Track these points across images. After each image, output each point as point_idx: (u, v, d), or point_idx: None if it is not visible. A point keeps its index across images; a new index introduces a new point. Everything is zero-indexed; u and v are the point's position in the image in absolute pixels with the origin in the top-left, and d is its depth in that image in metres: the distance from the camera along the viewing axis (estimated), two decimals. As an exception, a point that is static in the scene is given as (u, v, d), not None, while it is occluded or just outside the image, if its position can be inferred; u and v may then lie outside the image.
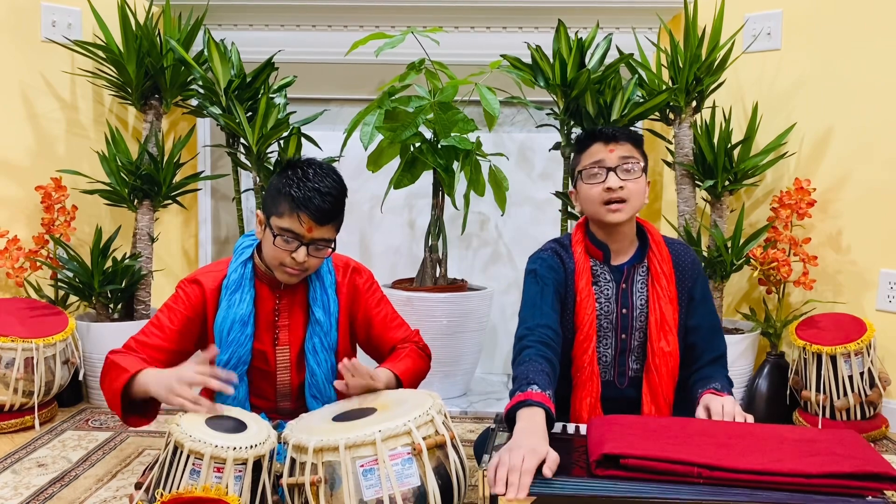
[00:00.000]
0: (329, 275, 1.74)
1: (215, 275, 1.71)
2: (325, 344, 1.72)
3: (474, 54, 2.86)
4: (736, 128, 2.72)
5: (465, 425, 2.47)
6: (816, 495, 1.18)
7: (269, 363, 1.73)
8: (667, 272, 1.69)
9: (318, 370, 1.72)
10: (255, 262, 1.72)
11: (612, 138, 1.66)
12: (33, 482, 1.95)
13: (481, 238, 3.07)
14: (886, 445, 2.39)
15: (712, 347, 1.70)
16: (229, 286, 1.68)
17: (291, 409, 1.77)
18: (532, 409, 1.39)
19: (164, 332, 1.66)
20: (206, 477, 1.37)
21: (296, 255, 1.61)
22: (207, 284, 1.70)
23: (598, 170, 1.65)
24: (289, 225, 1.60)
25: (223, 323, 1.67)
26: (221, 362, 1.67)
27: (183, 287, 1.72)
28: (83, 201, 2.83)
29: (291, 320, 1.73)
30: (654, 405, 1.67)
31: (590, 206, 1.67)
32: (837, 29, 2.61)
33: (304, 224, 1.60)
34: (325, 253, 1.67)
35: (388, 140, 2.55)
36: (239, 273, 1.68)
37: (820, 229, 2.67)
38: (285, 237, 1.61)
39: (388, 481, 1.36)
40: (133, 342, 1.66)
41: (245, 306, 1.67)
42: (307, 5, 2.90)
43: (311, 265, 1.65)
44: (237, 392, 1.69)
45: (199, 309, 1.70)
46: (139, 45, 2.63)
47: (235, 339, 1.67)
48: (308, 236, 1.61)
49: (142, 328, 1.69)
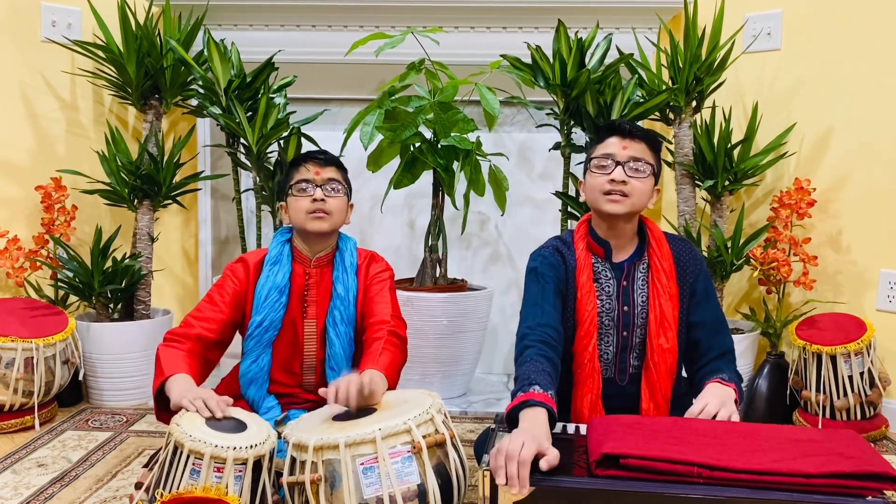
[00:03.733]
0: (351, 257, 1.93)
1: (257, 254, 1.94)
2: (343, 317, 1.86)
3: (474, 54, 2.86)
4: (736, 128, 2.72)
5: (465, 425, 2.47)
6: (816, 495, 1.18)
7: (297, 335, 1.89)
8: (667, 269, 1.68)
9: (337, 342, 1.86)
10: (293, 244, 1.93)
11: (629, 135, 1.66)
12: (33, 482, 1.95)
13: (481, 238, 3.07)
14: (886, 445, 2.39)
15: (718, 343, 1.69)
16: (270, 259, 1.88)
17: (315, 383, 1.90)
18: (534, 409, 1.39)
19: (216, 305, 1.85)
20: (206, 477, 1.37)
21: (315, 195, 1.84)
22: (251, 260, 1.91)
23: (607, 161, 1.65)
24: (299, 177, 1.87)
25: (262, 289, 1.85)
26: (255, 323, 1.84)
27: (230, 267, 1.93)
28: (83, 201, 2.84)
29: (319, 297, 1.90)
30: (653, 401, 1.67)
31: (592, 194, 1.68)
32: (837, 29, 2.62)
33: (311, 170, 1.87)
34: (339, 196, 1.88)
35: (388, 140, 2.55)
36: (278, 250, 1.90)
37: (820, 229, 2.67)
38: (300, 186, 1.86)
39: (388, 479, 1.36)
40: (190, 318, 1.83)
41: (282, 276, 1.86)
42: (307, 5, 2.91)
43: (331, 207, 1.85)
44: (261, 360, 1.84)
45: (244, 282, 1.89)
46: (139, 45, 2.63)
47: (271, 304, 1.84)
48: (318, 179, 1.86)
49: (196, 305, 1.88)
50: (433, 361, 2.63)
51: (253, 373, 1.83)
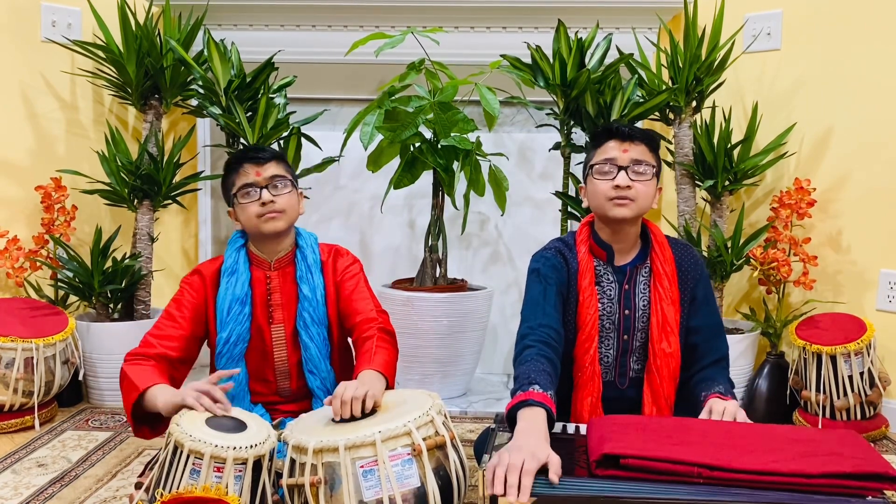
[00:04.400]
0: (313, 254, 1.86)
1: (212, 263, 1.86)
2: (314, 318, 1.81)
3: (474, 54, 2.86)
4: (736, 128, 2.72)
5: (465, 425, 2.47)
6: (816, 495, 1.17)
7: (265, 342, 1.84)
8: (669, 273, 1.68)
9: (312, 344, 1.81)
10: (249, 249, 1.85)
11: (628, 137, 1.64)
12: (33, 482, 1.95)
13: (481, 238, 3.07)
14: (886, 445, 2.39)
15: (714, 349, 1.69)
16: (226, 270, 1.81)
17: (292, 389, 1.86)
18: (533, 409, 1.38)
19: (176, 322, 1.78)
20: (206, 477, 1.37)
21: (261, 198, 1.75)
22: (206, 272, 1.84)
23: (609, 167, 1.64)
24: (241, 182, 1.78)
25: (223, 303, 1.79)
26: (223, 340, 1.78)
27: (186, 280, 1.85)
28: (83, 201, 2.83)
29: (284, 299, 1.84)
30: (656, 406, 1.66)
31: (596, 200, 1.66)
32: (837, 29, 2.61)
33: (251, 171, 1.77)
34: (286, 189, 1.79)
35: (388, 140, 2.55)
36: (234, 259, 1.82)
37: (820, 229, 2.67)
38: (244, 191, 1.77)
39: (388, 482, 1.36)
40: (149, 336, 1.76)
41: (241, 286, 1.80)
42: (307, 5, 2.90)
43: (282, 204, 1.77)
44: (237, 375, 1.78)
45: (202, 293, 1.82)
46: (139, 45, 2.63)
47: (234, 317, 1.78)
48: (260, 180, 1.77)
49: (155, 323, 1.81)
50: (433, 361, 2.63)
51: (232, 389, 1.76)
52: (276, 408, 1.85)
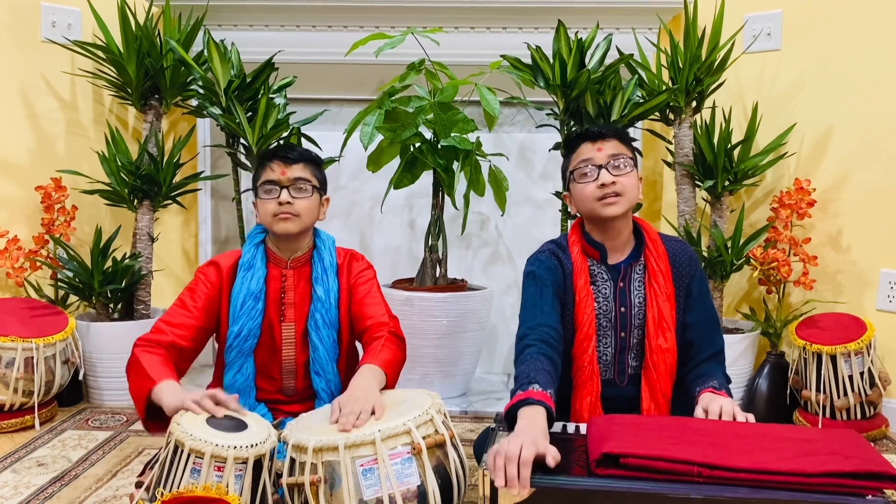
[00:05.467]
0: (331, 256, 1.87)
1: (230, 256, 1.86)
2: (325, 320, 1.82)
3: (474, 54, 2.86)
4: (736, 128, 2.72)
5: (465, 425, 2.47)
6: (816, 494, 1.18)
7: (275, 339, 1.84)
8: (663, 269, 1.69)
9: (321, 346, 1.81)
10: (267, 246, 1.86)
11: (600, 136, 1.67)
12: (33, 481, 1.95)
13: (481, 238, 3.07)
14: (886, 445, 2.39)
15: (710, 344, 1.70)
16: (243, 265, 1.82)
17: (297, 389, 1.87)
18: (533, 407, 1.39)
19: (189, 311, 1.79)
20: (206, 476, 1.37)
21: (280, 198, 1.76)
22: (224, 264, 1.84)
23: (588, 168, 1.66)
24: (265, 177, 1.79)
25: (237, 297, 1.80)
26: (234, 333, 1.79)
27: (202, 270, 1.86)
28: (83, 201, 2.84)
29: (297, 298, 1.84)
30: (653, 402, 1.67)
31: (584, 204, 1.68)
32: (837, 29, 2.62)
33: (277, 169, 1.78)
34: (308, 193, 1.80)
35: (388, 140, 2.55)
36: (251, 254, 1.83)
37: (820, 229, 2.67)
38: (266, 187, 1.79)
39: (388, 481, 1.36)
40: (161, 323, 1.77)
41: (257, 282, 1.80)
42: (307, 5, 2.91)
43: (299, 208, 1.78)
44: (245, 370, 1.80)
45: (217, 287, 1.83)
46: (139, 45, 2.63)
47: (247, 312, 1.79)
48: (284, 179, 1.77)
49: (167, 309, 1.81)
50: (433, 361, 2.63)
51: (239, 383, 1.79)
52: (278, 407, 1.86)
